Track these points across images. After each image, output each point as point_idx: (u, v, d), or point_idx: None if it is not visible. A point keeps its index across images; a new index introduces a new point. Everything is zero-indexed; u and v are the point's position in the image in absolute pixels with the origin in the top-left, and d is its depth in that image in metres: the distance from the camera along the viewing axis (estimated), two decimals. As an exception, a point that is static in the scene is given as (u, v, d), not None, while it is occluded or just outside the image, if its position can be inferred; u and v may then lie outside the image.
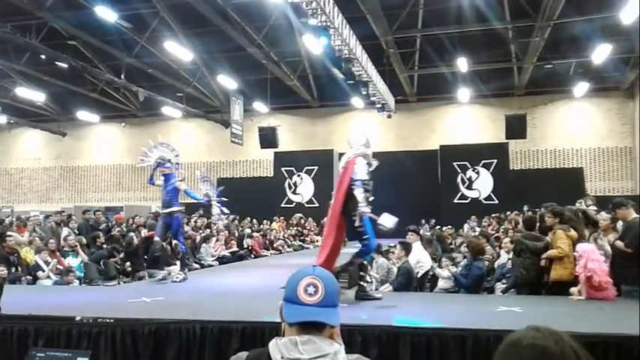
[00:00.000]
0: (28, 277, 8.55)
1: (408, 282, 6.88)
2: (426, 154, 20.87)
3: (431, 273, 7.65)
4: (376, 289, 7.19)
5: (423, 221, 17.56)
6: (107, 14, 14.16)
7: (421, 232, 13.10)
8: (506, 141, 19.67)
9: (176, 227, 7.95)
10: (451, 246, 10.92)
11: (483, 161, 19.77)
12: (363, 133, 6.70)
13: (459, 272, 7.15)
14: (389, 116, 19.09)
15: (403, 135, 21.91)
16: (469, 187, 19.88)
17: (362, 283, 6.04)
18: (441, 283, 7.39)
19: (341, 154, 24.14)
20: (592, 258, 5.55)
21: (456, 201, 19.79)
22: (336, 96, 21.15)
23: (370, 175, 6.24)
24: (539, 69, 18.61)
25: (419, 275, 7.35)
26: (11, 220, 10.70)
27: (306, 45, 15.05)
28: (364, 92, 15.83)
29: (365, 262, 6.25)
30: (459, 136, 21.05)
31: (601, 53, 15.77)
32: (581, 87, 19.52)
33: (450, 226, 14.72)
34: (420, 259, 7.54)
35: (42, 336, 4.64)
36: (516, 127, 18.61)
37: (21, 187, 25.28)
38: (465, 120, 21.70)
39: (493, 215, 14.82)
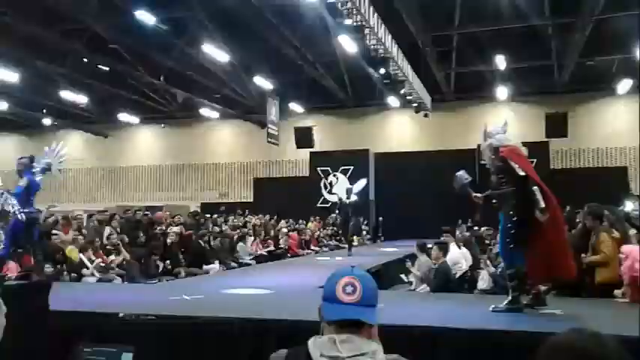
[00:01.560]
0: (73, 274, 8.83)
1: (445, 283, 6.83)
2: (464, 154, 20.54)
3: (469, 274, 7.57)
4: (414, 290, 7.17)
5: (460, 221, 17.34)
6: (147, 18, 14.52)
7: (457, 232, 12.99)
8: (547, 140, 19.24)
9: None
10: (490, 247, 10.75)
11: (523, 160, 19.36)
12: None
13: (497, 273, 7.05)
14: (425, 115, 18.93)
15: (440, 134, 21.68)
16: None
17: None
18: (479, 284, 7.30)
19: (377, 154, 23.97)
20: (638, 259, 5.39)
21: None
22: (372, 95, 21.11)
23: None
24: (580, 66, 18.14)
25: (457, 276, 7.28)
26: (56, 219, 11.03)
27: (342, 45, 15.06)
28: (400, 91, 15.74)
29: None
30: (497, 135, 20.66)
31: (646, 49, 15.28)
32: (625, 84, 18.95)
33: (487, 227, 14.49)
34: (457, 259, 7.47)
35: (87, 332, 4.78)
36: (557, 126, 18.21)
37: (65, 187, 26.05)
38: (504, 118, 21.29)
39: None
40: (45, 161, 7.39)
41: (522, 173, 4.84)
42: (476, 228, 14.98)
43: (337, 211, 13.95)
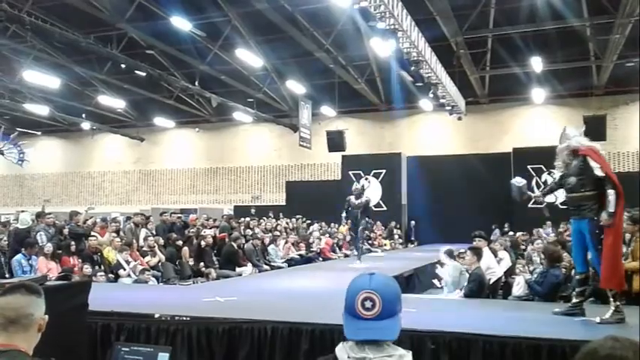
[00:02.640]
0: (110, 275, 9.05)
1: (479, 289, 6.72)
2: (499, 157, 20.27)
3: (503, 280, 7.45)
4: (447, 295, 7.09)
5: (494, 226, 17.09)
6: (182, 24, 14.81)
7: (492, 237, 12.80)
8: (585, 143, 18.77)
9: None
10: (525, 252, 10.59)
11: (560, 164, 18.96)
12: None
13: (533, 280, 6.92)
14: (459, 118, 18.73)
15: (474, 137, 21.41)
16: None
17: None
18: (514, 291, 7.17)
19: (409, 157, 23.67)
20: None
21: (530, 206, 19.06)
22: (404, 98, 21.00)
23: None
24: (619, 67, 17.66)
25: (491, 282, 7.17)
26: (94, 221, 11.31)
27: (374, 48, 15.04)
28: (433, 94, 15.61)
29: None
30: (533, 138, 20.25)
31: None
32: (667, 85, 18.36)
33: (523, 232, 14.23)
34: (490, 265, 7.36)
35: (123, 331, 4.90)
36: (595, 129, 17.67)
37: (103, 190, 26.71)
38: (540, 121, 20.90)
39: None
40: None
41: (601, 174, 4.78)
42: (511, 233, 14.73)
43: (345, 213, 12.06)
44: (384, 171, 20.80)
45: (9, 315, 1.91)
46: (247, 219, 14.62)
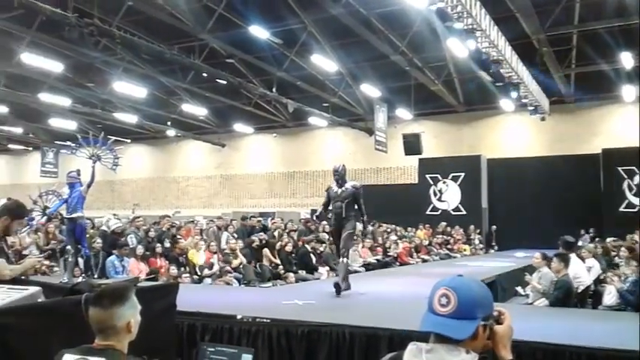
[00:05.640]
0: (194, 276, 9.43)
1: (566, 297, 6.42)
2: (586, 159, 19.27)
3: (593, 288, 7.08)
4: (531, 303, 6.84)
5: (582, 232, 16.24)
6: (260, 32, 15.23)
7: (580, 243, 12.18)
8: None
9: (79, 232, 8.00)
10: (617, 259, 9.99)
11: (655, 166, 17.78)
12: None
13: (625, 289, 6.53)
14: (542, 119, 18.01)
15: (559, 138, 20.46)
16: (638, 194, 17.98)
17: None
18: (605, 300, 6.80)
19: (490, 160, 22.89)
20: None
21: (621, 209, 18.01)
22: (484, 99, 20.46)
23: None
24: None
25: (578, 290, 6.83)
26: (179, 225, 11.85)
27: (451, 49, 14.76)
28: (514, 94, 15.11)
29: None
30: (624, 139, 19.06)
31: None
32: None
33: (614, 238, 13.44)
34: (578, 272, 7.02)
35: (208, 331, 5.09)
36: (695, 127, 16.46)
37: (187, 194, 27.84)
38: (631, 121, 19.67)
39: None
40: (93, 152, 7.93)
41: None
42: (598, 239, 13.96)
43: (318, 212, 8.29)
44: (462, 174, 20.31)
45: (96, 325, 2.10)
46: (324, 222, 14.74)
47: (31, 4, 11.54)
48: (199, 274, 9.57)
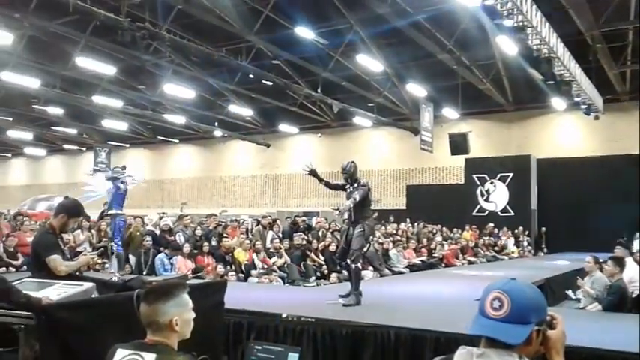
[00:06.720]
0: (240, 274, 9.57)
1: (620, 302, 6.19)
2: (643, 159, 18.51)
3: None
4: (583, 307, 6.61)
5: (638, 234, 15.58)
6: (305, 33, 15.31)
7: (634, 246, 11.70)
8: None
9: (114, 229, 8.00)
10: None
11: None
12: None
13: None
14: (596, 117, 17.38)
15: (614, 137, 19.70)
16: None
17: None
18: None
19: (540, 160, 22.21)
20: None
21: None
22: (534, 98, 19.92)
23: None
24: None
25: (633, 295, 6.57)
26: (226, 224, 12.03)
27: (501, 47, 14.45)
28: (567, 92, 14.66)
29: None
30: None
31: None
32: None
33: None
34: (633, 277, 6.75)
35: (253, 329, 5.16)
36: None
37: (233, 193, 28.28)
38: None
39: None
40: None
41: None
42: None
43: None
44: (511, 174, 19.82)
45: (143, 320, 2.16)
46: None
47: (86, 9, 11.98)
48: (245, 272, 9.70)
